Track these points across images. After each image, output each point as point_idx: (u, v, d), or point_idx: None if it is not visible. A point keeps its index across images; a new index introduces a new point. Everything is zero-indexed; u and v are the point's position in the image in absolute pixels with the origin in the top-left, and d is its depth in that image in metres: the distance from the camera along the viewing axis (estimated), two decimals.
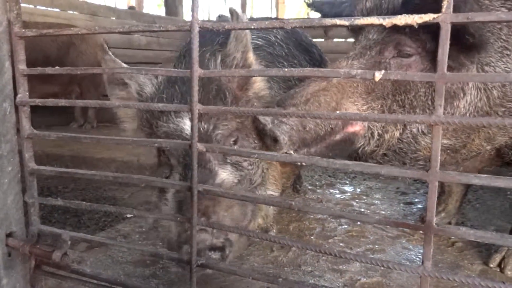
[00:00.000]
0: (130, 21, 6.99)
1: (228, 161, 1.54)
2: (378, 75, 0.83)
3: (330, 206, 2.51)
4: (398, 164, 1.65)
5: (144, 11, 10.83)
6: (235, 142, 1.57)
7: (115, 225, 2.34)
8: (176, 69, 1.16)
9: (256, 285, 1.64)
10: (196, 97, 0.97)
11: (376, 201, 2.83)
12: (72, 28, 1.14)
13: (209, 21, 1.66)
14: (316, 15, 2.20)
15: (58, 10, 6.17)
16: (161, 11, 11.25)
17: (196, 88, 0.97)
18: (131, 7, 9.57)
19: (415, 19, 0.80)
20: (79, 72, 1.08)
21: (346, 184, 3.20)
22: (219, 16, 3.74)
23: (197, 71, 0.96)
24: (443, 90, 0.80)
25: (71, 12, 6.29)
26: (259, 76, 1.31)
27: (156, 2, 15.35)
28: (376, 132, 1.54)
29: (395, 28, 1.52)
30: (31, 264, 1.29)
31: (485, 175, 0.81)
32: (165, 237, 1.43)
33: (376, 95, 1.54)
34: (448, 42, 0.78)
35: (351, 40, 1.87)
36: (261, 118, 1.46)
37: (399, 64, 1.55)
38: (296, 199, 1.42)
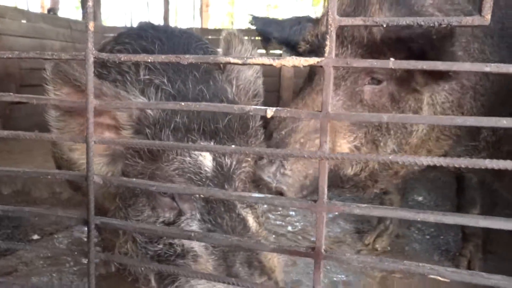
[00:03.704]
0: (42, 24, 6.55)
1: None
2: (270, 112, 0.87)
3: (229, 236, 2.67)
4: (371, 183, 1.77)
5: (61, 13, 10.21)
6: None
7: (18, 251, 2.18)
8: (71, 100, 1.10)
9: None
10: (91, 128, 0.95)
11: (291, 213, 2.94)
12: None
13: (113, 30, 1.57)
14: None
15: None
16: (78, 14, 10.69)
17: (91, 119, 0.95)
18: (51, 9, 8.89)
19: (301, 62, 0.85)
20: None
21: None
22: (140, 23, 3.67)
23: (93, 103, 0.94)
24: (327, 128, 0.86)
25: None
26: (153, 108, 1.24)
27: (74, 4, 14.58)
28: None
29: (367, 54, 1.63)
30: None
31: (365, 205, 0.88)
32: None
33: (360, 124, 1.63)
34: (332, 84, 0.85)
35: None
36: (265, 176, 1.46)
37: (372, 92, 1.65)
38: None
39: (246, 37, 1.55)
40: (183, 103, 0.91)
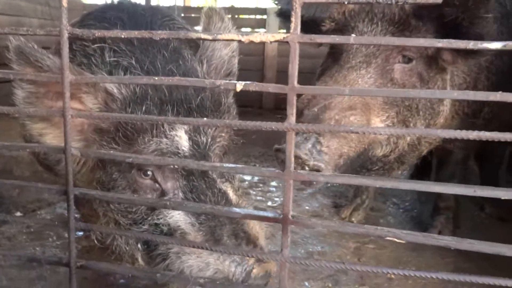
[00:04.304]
0: (19, 1, 6.39)
1: (224, 174, 1.34)
2: (239, 86, 0.92)
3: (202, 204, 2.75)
4: (397, 164, 1.80)
5: None
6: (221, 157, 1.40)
7: (1, 226, 2.21)
8: (45, 74, 1.11)
9: None
10: (68, 103, 0.98)
11: (272, 189, 3.01)
12: None
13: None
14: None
15: None
16: None
17: (68, 94, 0.98)
18: None
19: (269, 38, 0.90)
20: None
21: None
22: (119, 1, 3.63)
23: (68, 77, 0.97)
24: (293, 101, 0.91)
25: None
26: (127, 82, 1.25)
27: None
28: (392, 139, 1.64)
29: (398, 32, 1.62)
30: None
31: (330, 174, 0.95)
32: None
33: (392, 103, 1.61)
34: (297, 58, 0.89)
35: None
36: (302, 154, 1.39)
37: (402, 71, 1.64)
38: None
39: (229, 15, 1.55)
40: (156, 78, 0.95)
